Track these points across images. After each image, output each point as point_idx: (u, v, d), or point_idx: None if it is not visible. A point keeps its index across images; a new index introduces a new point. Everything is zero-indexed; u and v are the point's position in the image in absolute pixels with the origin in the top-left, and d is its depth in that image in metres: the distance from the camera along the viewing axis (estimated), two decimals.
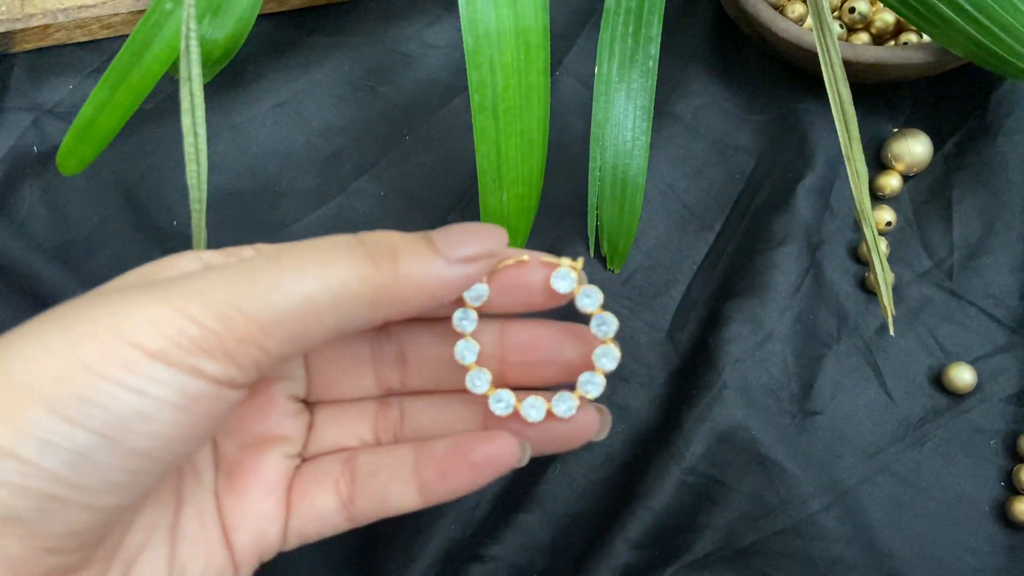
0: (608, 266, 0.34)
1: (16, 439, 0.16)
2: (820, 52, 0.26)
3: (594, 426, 0.23)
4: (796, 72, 0.37)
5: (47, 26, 0.37)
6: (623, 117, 0.31)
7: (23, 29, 0.37)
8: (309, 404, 0.24)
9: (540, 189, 0.29)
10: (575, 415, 0.22)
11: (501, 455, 0.21)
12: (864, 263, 0.34)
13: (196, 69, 0.24)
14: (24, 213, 0.36)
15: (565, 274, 0.22)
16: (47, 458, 0.16)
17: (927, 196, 0.35)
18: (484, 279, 0.22)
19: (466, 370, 0.22)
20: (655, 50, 0.30)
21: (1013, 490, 0.31)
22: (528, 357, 0.23)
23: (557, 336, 0.23)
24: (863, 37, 0.37)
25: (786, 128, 0.36)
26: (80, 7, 0.37)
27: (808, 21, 0.36)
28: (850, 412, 0.32)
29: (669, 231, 0.35)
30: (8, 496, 0.16)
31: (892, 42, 0.36)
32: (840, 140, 0.26)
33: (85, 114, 0.30)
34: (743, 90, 0.37)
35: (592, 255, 0.34)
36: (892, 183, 0.35)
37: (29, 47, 0.38)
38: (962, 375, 0.32)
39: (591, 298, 0.22)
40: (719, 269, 0.34)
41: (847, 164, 0.26)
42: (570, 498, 0.31)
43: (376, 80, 0.38)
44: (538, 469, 0.31)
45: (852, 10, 0.36)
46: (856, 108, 0.26)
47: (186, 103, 0.25)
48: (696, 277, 0.34)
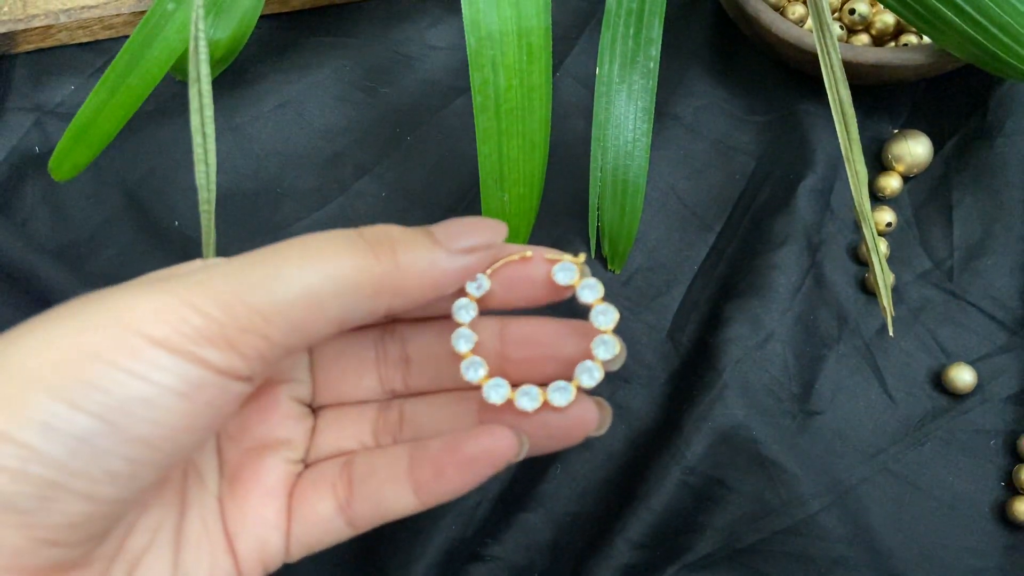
0: (609, 267, 0.34)
1: (17, 424, 0.16)
2: (820, 53, 0.26)
3: (593, 419, 0.22)
4: (796, 73, 0.37)
5: (49, 27, 0.37)
6: (624, 118, 0.31)
7: (25, 30, 0.37)
8: (313, 410, 0.24)
9: (541, 190, 0.30)
10: (572, 407, 0.22)
11: (497, 448, 0.21)
12: (864, 264, 0.34)
13: (205, 69, 0.24)
14: (26, 214, 0.36)
15: (567, 266, 0.22)
16: (48, 443, 0.16)
17: (927, 197, 0.35)
18: (486, 272, 0.22)
19: (462, 359, 0.22)
20: (656, 51, 0.31)
21: (1013, 490, 0.31)
22: (527, 352, 0.23)
23: (557, 331, 0.23)
24: (863, 38, 0.37)
25: (786, 129, 0.36)
26: (82, 8, 0.37)
27: (808, 22, 0.36)
28: (850, 412, 0.32)
29: (670, 232, 0.35)
30: (6, 482, 0.16)
31: (892, 43, 0.37)
32: (840, 141, 0.27)
33: (82, 116, 0.30)
34: (743, 91, 0.37)
35: (593, 256, 0.34)
36: (892, 184, 0.35)
37: (31, 47, 0.38)
38: (962, 375, 0.32)
39: (592, 289, 0.22)
40: (720, 270, 0.34)
41: (847, 165, 0.26)
42: (571, 498, 0.31)
43: (377, 81, 0.38)
44: (539, 469, 0.31)
45: (852, 11, 0.36)
46: (856, 109, 0.26)
47: (195, 103, 0.25)
48: (697, 278, 0.34)
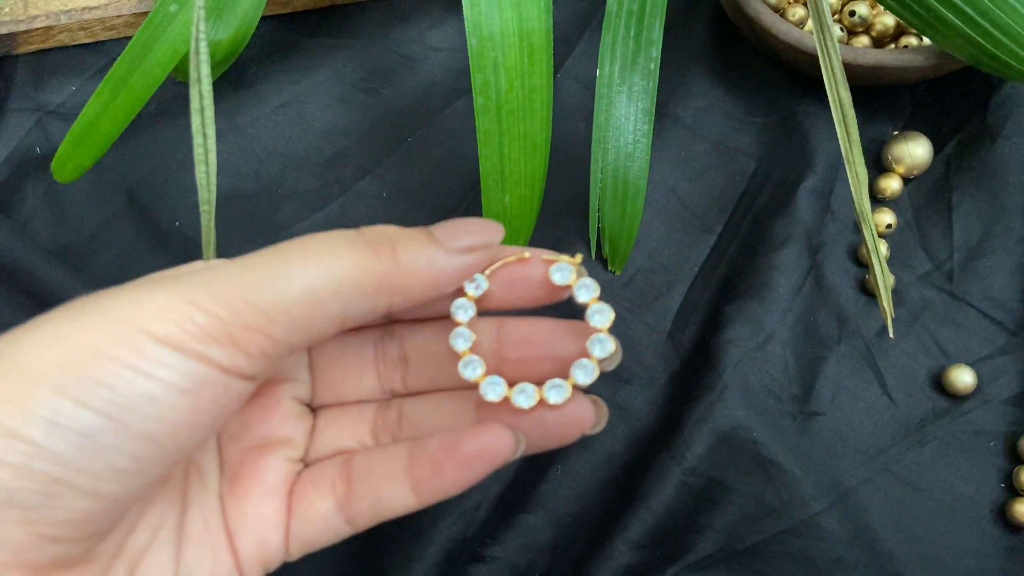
0: (609, 268, 0.34)
1: (23, 420, 0.16)
2: (820, 55, 0.26)
3: (589, 417, 0.22)
4: (797, 75, 0.37)
5: (50, 27, 0.37)
6: (624, 119, 0.31)
7: (26, 31, 0.37)
8: (313, 409, 0.24)
9: (542, 191, 0.30)
10: (568, 404, 0.22)
11: (494, 446, 0.21)
12: (865, 265, 0.34)
13: (206, 70, 0.24)
14: (27, 214, 0.36)
15: (564, 267, 0.22)
16: (53, 439, 0.16)
17: (927, 199, 0.35)
18: (484, 273, 0.22)
19: (460, 358, 0.22)
20: (656, 53, 0.31)
21: (1013, 492, 0.31)
22: (524, 352, 0.23)
23: (553, 331, 0.23)
24: (863, 40, 0.37)
25: (787, 131, 0.36)
26: (83, 9, 0.38)
27: (809, 24, 0.36)
28: (851, 413, 0.32)
29: (670, 233, 0.35)
30: (11, 478, 0.16)
31: (892, 45, 0.37)
32: (840, 143, 0.27)
33: (85, 118, 0.30)
34: (744, 93, 0.37)
35: (593, 257, 0.34)
36: (892, 185, 0.35)
37: (32, 48, 0.38)
38: (962, 377, 0.32)
39: (588, 289, 0.22)
40: (720, 271, 0.34)
41: (847, 167, 0.27)
42: (571, 499, 0.31)
43: (378, 82, 0.38)
44: (539, 470, 0.31)
45: (852, 13, 0.36)
46: (856, 111, 0.27)
47: (196, 104, 0.25)
48: (697, 279, 0.34)
